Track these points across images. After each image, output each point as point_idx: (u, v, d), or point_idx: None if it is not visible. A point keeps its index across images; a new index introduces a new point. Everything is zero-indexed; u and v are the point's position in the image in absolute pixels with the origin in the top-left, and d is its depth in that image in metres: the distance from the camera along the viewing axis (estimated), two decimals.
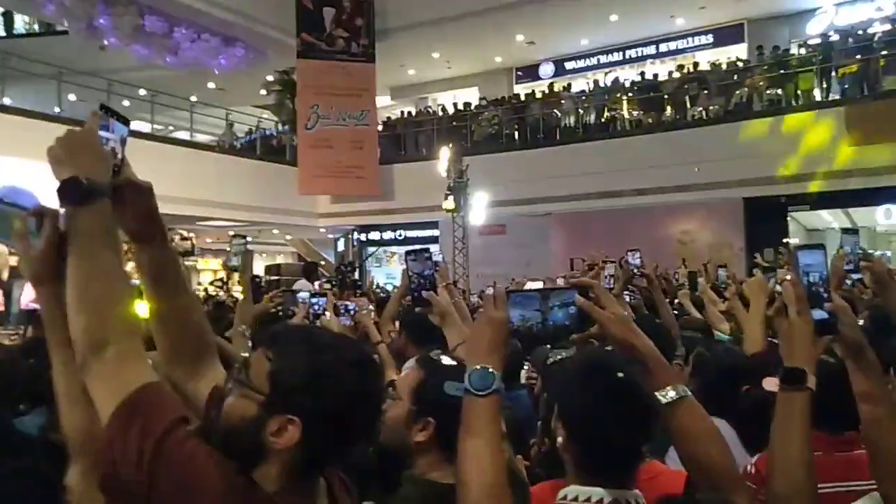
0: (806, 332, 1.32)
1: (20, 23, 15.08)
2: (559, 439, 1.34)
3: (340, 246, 18.34)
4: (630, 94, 14.76)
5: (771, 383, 1.44)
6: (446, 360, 1.57)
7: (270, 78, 16.81)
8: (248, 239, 3.32)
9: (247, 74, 15.81)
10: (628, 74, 16.62)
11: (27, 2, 12.56)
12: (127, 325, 0.99)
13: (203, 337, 1.28)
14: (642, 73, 15.83)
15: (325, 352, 1.02)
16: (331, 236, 18.41)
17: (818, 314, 1.38)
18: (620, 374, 1.31)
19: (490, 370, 1.16)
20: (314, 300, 3.78)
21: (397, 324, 3.58)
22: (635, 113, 14.34)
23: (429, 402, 1.47)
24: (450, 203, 12.06)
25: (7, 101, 11.95)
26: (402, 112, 18.47)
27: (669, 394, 1.25)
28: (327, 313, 3.63)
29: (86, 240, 1.00)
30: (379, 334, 3.77)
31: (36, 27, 15.33)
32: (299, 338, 1.05)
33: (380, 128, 16.57)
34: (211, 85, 16.81)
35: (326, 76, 15.02)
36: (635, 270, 3.61)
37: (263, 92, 17.25)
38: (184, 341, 1.24)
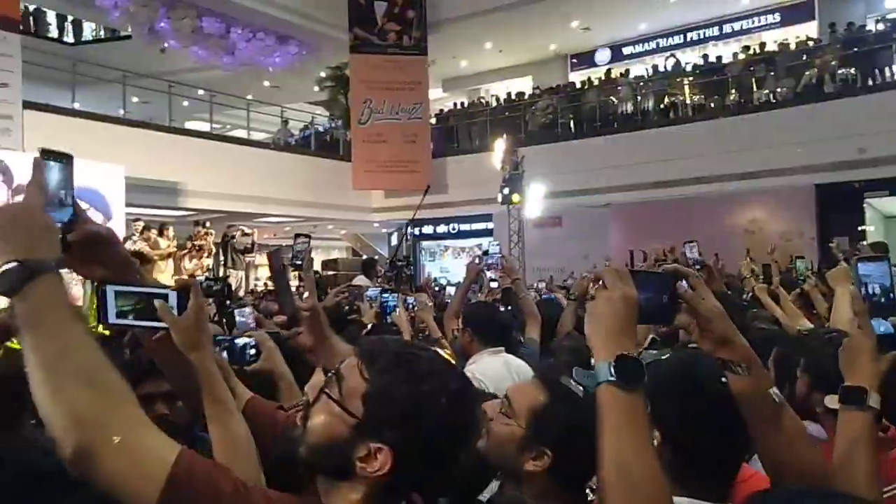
0: (867, 347, 1.23)
1: (88, 30, 15.63)
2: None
3: (394, 240, 18.40)
4: (691, 78, 14.22)
5: (832, 401, 1.30)
6: (572, 385, 1.40)
7: (323, 74, 16.95)
8: (310, 237, 3.26)
9: (300, 71, 15.98)
10: (689, 58, 16.04)
11: (94, 10, 12.98)
12: (120, 391, 0.88)
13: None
14: (705, 56, 15.25)
15: (426, 381, 0.95)
16: (384, 231, 18.49)
17: (882, 326, 1.29)
18: (724, 381, 1.17)
19: (636, 357, 0.99)
20: (385, 296, 3.74)
21: (460, 320, 3.48)
22: (697, 98, 13.81)
23: (548, 433, 1.32)
24: (508, 194, 11.91)
25: (76, 105, 12.35)
26: (455, 104, 18.36)
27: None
28: (398, 309, 3.58)
29: (43, 320, 0.88)
30: (440, 331, 3.67)
31: (101, 34, 15.86)
32: (399, 361, 0.97)
33: (433, 121, 16.49)
34: (266, 83, 17.07)
35: (379, 70, 15.03)
36: (693, 263, 3.41)
37: (317, 88, 17.41)
38: (181, 377, 1.24)
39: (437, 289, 10.28)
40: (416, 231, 17.62)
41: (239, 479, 0.90)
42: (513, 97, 16.66)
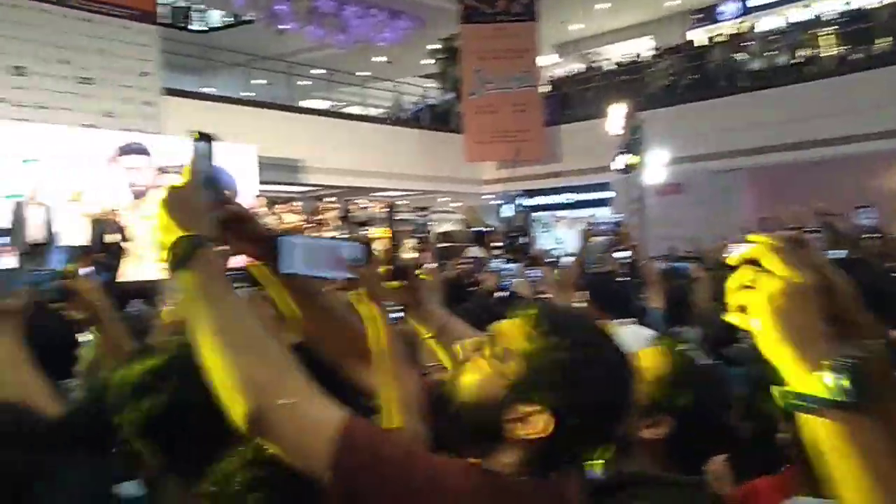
0: None
1: (216, 18, 16.60)
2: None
3: (505, 212, 18.30)
4: (833, 29, 12.91)
5: None
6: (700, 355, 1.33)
7: (435, 47, 17.01)
8: (427, 209, 3.29)
9: (412, 45, 16.12)
10: (827, 7, 14.57)
11: None
12: (285, 358, 0.91)
13: (354, 327, 1.24)
14: (848, 2, 13.80)
15: (589, 348, 0.93)
16: (496, 202, 18.43)
17: None
18: None
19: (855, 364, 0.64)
20: (507, 267, 3.73)
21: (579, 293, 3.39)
22: (838, 50, 12.54)
23: (672, 401, 1.27)
24: (629, 159, 11.45)
25: (208, 89, 13.19)
26: (569, 70, 17.83)
27: None
28: (518, 281, 3.56)
29: (209, 291, 0.92)
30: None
31: (226, 19, 16.77)
32: (560, 325, 0.95)
33: (545, 88, 16.13)
34: (378, 59, 17.37)
35: (489, 40, 14.85)
36: (867, 232, 3.06)
37: (428, 61, 17.51)
38: (341, 337, 1.22)
39: (550, 260, 10.14)
40: (530, 202, 17.43)
41: (407, 445, 0.90)
42: (629, 59, 15.93)
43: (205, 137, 1.13)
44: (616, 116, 12.00)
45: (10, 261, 8.60)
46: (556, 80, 17.32)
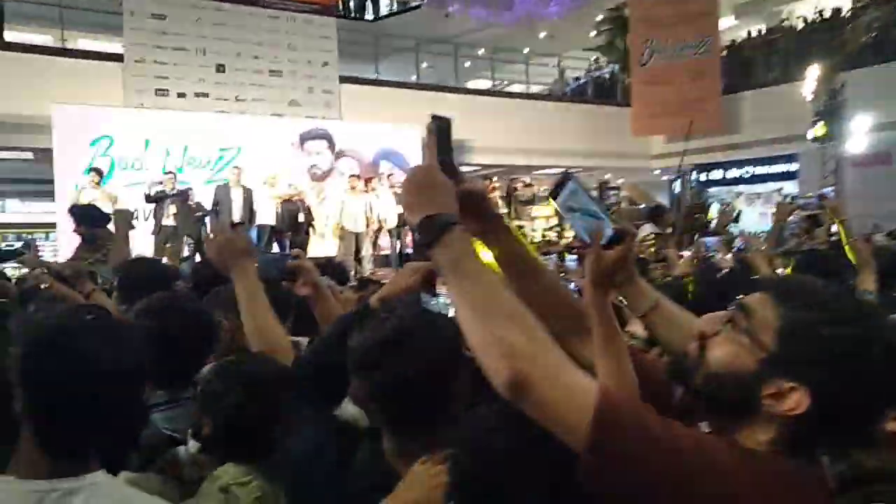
0: None
1: (384, 6, 17.30)
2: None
3: (676, 188, 17.31)
4: None
5: None
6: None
7: (601, 17, 16.41)
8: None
9: (576, 19, 15.69)
10: None
11: None
12: (541, 329, 0.92)
13: (573, 303, 1.26)
14: None
15: (855, 324, 0.88)
16: (665, 178, 17.49)
17: None
18: None
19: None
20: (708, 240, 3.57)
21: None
22: None
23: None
24: (819, 129, 10.31)
25: (376, 75, 13.81)
26: (750, 32, 16.34)
27: None
28: (718, 254, 3.40)
29: (464, 266, 0.95)
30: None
31: (395, 7, 17.42)
32: (821, 300, 0.91)
33: (723, 54, 14.95)
34: (542, 34, 17.12)
35: (661, 6, 14.02)
36: None
37: (594, 33, 16.94)
38: (562, 315, 1.20)
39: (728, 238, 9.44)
40: (703, 177, 16.34)
41: (662, 417, 0.89)
42: (826, 15, 14.23)
43: (441, 120, 1.17)
44: (811, 79, 10.82)
45: None
46: (735, 44, 15.96)
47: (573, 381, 0.87)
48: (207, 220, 9.65)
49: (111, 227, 8.11)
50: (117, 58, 10.85)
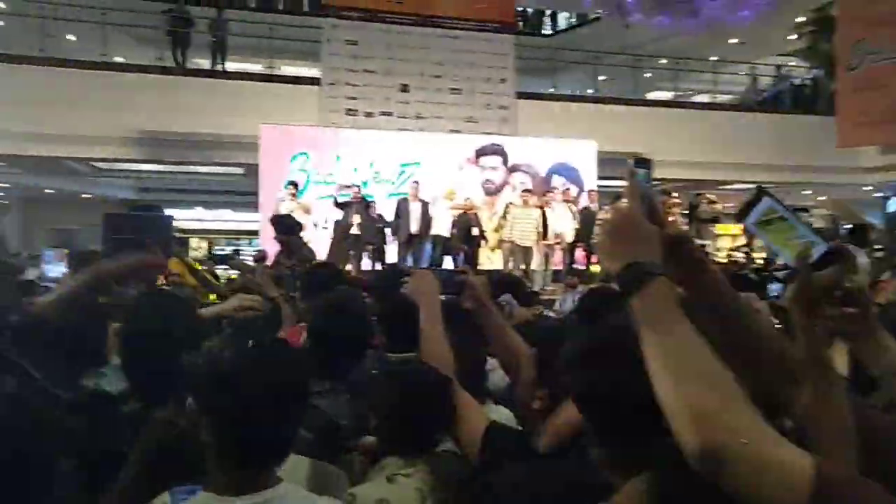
0: None
1: (562, 20, 17.30)
2: None
3: (892, 206, 15.22)
4: None
5: None
6: None
7: (802, 19, 14.99)
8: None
9: (772, 22, 14.46)
10: None
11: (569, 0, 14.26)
12: (741, 395, 0.82)
13: (778, 345, 1.11)
14: None
15: None
16: (878, 194, 15.46)
17: None
18: None
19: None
20: None
21: None
22: None
23: None
24: None
25: (553, 90, 13.76)
26: None
27: None
28: None
29: (661, 318, 0.89)
30: None
31: (573, 20, 17.31)
32: None
33: None
34: (732, 40, 16.01)
35: (876, 4, 12.48)
36: None
37: (792, 37, 15.52)
38: (772, 363, 1.07)
39: None
40: None
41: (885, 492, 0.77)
42: None
43: (642, 163, 1.13)
44: None
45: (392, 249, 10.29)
46: None
47: (780, 456, 0.77)
48: (388, 230, 10.21)
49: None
50: (315, 81, 11.90)
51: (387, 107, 11.89)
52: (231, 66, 12.32)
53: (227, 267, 9.17)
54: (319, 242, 9.97)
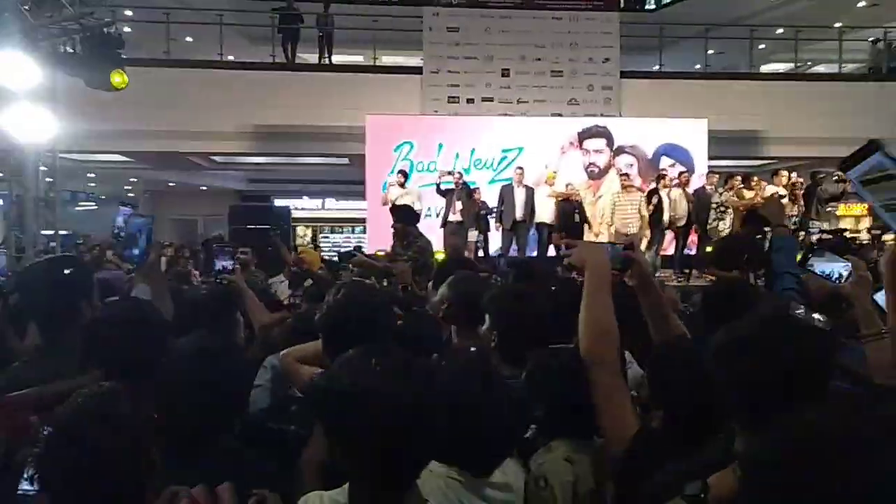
0: None
1: None
2: None
3: None
4: None
5: None
6: None
7: None
8: None
9: None
10: None
11: None
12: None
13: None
14: None
15: None
16: None
17: None
18: None
19: None
20: None
21: None
22: None
23: None
24: None
25: (659, 67, 13.18)
26: None
27: None
28: None
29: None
30: None
31: None
32: None
33: None
34: (861, 3, 14.72)
35: None
36: None
37: None
38: None
39: None
40: None
41: None
42: None
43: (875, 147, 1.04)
44: None
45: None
46: None
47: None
48: (491, 218, 10.20)
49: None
50: (417, 70, 12.03)
51: (488, 93, 11.85)
52: (337, 58, 12.65)
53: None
54: (427, 231, 10.16)
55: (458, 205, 9.86)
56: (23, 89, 5.96)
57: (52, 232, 7.18)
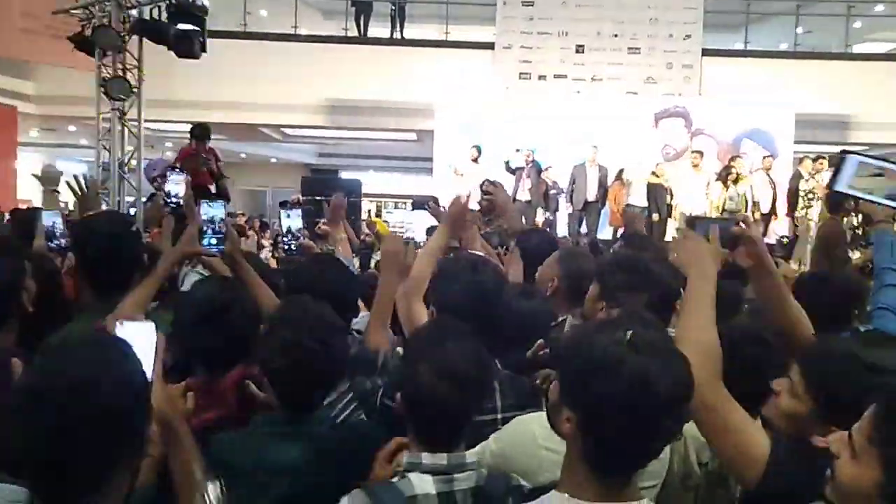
0: None
1: None
2: None
3: None
4: None
5: None
6: None
7: None
8: None
9: None
10: None
11: None
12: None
13: None
14: None
15: None
16: None
17: None
18: None
19: None
20: None
21: None
22: None
23: None
24: None
25: (748, 45, 12.49)
26: None
27: None
28: None
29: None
30: None
31: None
32: None
33: None
34: None
35: None
36: None
37: None
38: None
39: None
40: None
41: None
42: None
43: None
44: None
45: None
46: None
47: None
48: (561, 197, 9.99)
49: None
50: (489, 46, 11.82)
51: (561, 69, 11.54)
52: (409, 33, 12.57)
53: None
54: None
55: (528, 182, 9.70)
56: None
57: (133, 198, 7.43)
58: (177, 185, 3.52)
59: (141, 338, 1.16)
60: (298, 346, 1.43)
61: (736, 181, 9.21)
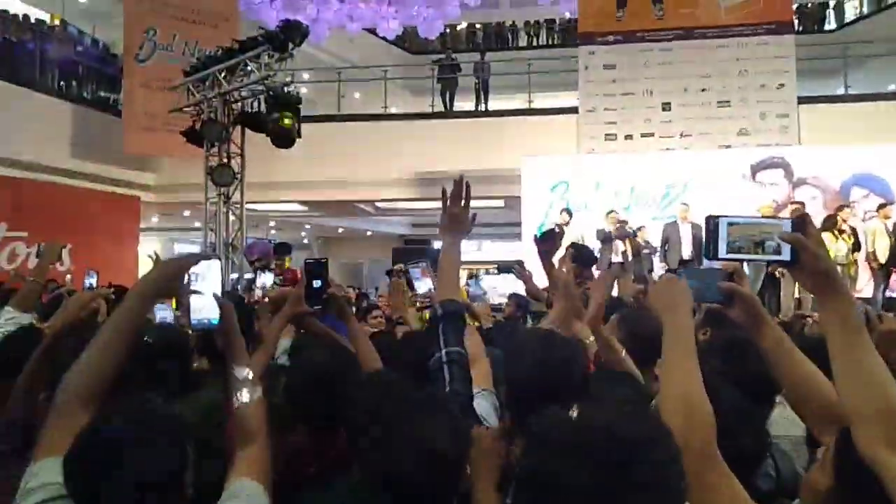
0: None
1: (850, 11, 15.06)
2: None
3: None
4: None
5: None
6: None
7: None
8: None
9: None
10: None
11: None
12: None
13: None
14: None
15: None
16: None
17: None
18: None
19: None
20: None
21: None
22: None
23: None
24: None
25: (848, 90, 11.93)
26: None
27: None
28: None
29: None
30: None
31: (864, 9, 14.98)
32: None
33: None
34: None
35: None
36: None
37: None
38: None
39: None
40: None
41: None
42: None
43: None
44: None
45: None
46: None
47: None
48: (655, 257, 9.68)
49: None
50: (572, 111, 11.93)
51: (648, 128, 11.43)
52: (493, 104, 12.94)
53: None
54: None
55: (619, 245, 9.50)
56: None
57: (236, 276, 7.90)
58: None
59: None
60: (434, 455, 1.19)
61: (842, 231, 8.61)
